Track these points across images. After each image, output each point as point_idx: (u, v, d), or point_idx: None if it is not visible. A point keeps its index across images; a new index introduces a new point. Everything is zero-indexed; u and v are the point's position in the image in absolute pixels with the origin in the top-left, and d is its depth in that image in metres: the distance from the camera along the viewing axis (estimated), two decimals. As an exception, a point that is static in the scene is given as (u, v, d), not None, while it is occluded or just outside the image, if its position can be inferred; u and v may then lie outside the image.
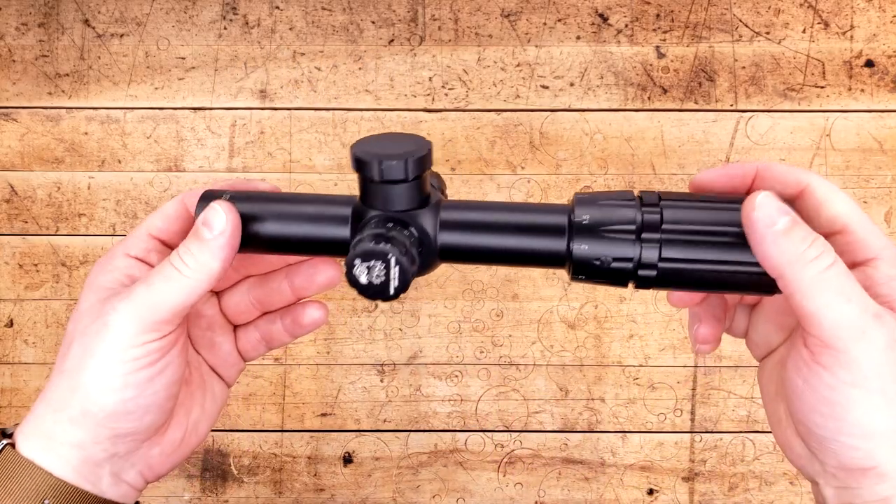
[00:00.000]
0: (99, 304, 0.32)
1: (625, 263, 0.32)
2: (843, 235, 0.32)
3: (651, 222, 0.32)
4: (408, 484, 0.60)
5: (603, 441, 0.60)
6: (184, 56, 0.60)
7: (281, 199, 0.35)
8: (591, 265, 0.33)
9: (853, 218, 0.32)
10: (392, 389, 0.60)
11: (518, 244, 0.34)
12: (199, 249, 0.32)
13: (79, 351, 0.32)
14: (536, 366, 0.60)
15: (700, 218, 0.32)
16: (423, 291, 0.60)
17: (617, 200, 0.33)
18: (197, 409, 0.36)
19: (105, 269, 0.34)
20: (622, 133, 0.60)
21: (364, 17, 0.60)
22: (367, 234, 0.32)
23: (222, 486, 0.60)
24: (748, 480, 0.60)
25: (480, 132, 0.59)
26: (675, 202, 0.32)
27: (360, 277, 0.31)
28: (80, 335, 0.32)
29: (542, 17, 0.60)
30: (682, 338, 0.60)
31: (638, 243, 0.32)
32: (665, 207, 0.32)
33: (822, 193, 0.32)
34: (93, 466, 0.32)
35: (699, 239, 0.32)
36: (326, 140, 0.60)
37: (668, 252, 0.32)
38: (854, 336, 0.28)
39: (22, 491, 0.31)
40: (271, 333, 0.38)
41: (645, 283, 0.33)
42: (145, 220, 0.35)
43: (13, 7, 0.60)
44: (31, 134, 0.60)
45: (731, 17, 0.60)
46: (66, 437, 0.32)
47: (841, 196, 0.32)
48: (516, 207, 0.35)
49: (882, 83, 0.60)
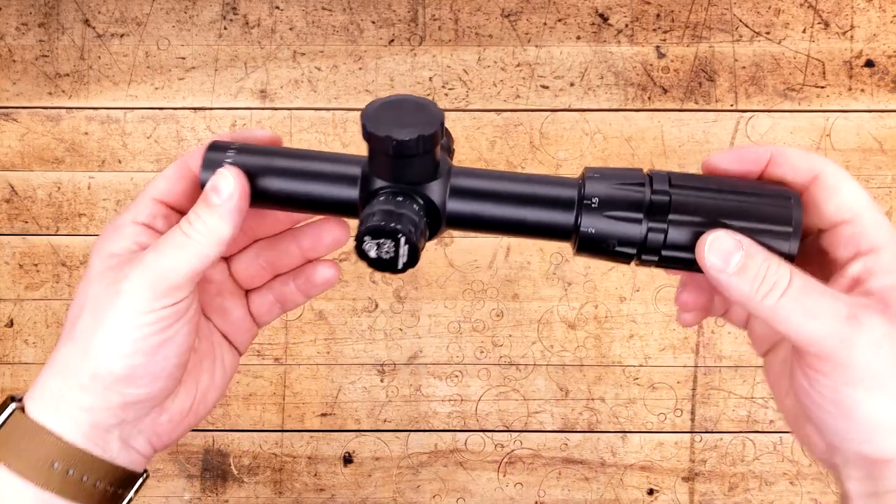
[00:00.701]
0: (109, 271, 0.33)
1: (629, 248, 0.33)
2: (849, 225, 0.32)
3: (659, 207, 0.32)
4: (408, 484, 0.60)
5: (603, 441, 0.60)
6: (184, 56, 0.60)
7: (288, 155, 0.35)
8: (596, 244, 0.33)
9: (860, 208, 0.32)
10: (392, 389, 0.60)
11: (526, 215, 0.34)
12: (209, 214, 0.32)
13: (90, 317, 0.32)
14: (536, 366, 0.60)
15: (708, 205, 0.32)
16: (423, 291, 0.60)
17: (627, 181, 0.33)
18: (206, 378, 0.36)
19: (112, 237, 0.34)
20: (622, 133, 0.60)
21: (364, 17, 0.60)
22: (377, 209, 0.32)
23: (222, 486, 0.60)
24: (748, 480, 0.60)
25: (480, 132, 0.59)
26: (685, 188, 0.32)
27: (369, 252, 0.31)
28: (92, 302, 0.32)
29: (542, 17, 0.60)
30: (681, 338, 0.60)
31: (644, 226, 0.32)
32: (674, 192, 0.32)
33: (833, 182, 0.32)
34: (102, 432, 0.32)
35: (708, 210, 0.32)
36: (326, 140, 0.60)
37: (673, 237, 0.32)
38: (834, 345, 0.29)
39: (32, 454, 0.32)
40: (285, 295, 0.38)
41: (647, 264, 0.33)
42: (148, 185, 0.35)
43: (13, 7, 0.60)
44: (32, 134, 0.60)
45: (732, 17, 0.60)
46: (76, 402, 0.32)
47: (851, 185, 0.32)
48: (526, 178, 0.35)
49: (882, 83, 0.60)
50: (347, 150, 0.60)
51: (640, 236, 0.32)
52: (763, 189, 0.33)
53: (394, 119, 0.32)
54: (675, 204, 0.32)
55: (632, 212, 0.32)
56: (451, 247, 0.60)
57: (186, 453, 0.60)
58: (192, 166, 0.35)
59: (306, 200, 0.34)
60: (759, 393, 0.60)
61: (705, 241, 0.30)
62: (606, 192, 0.33)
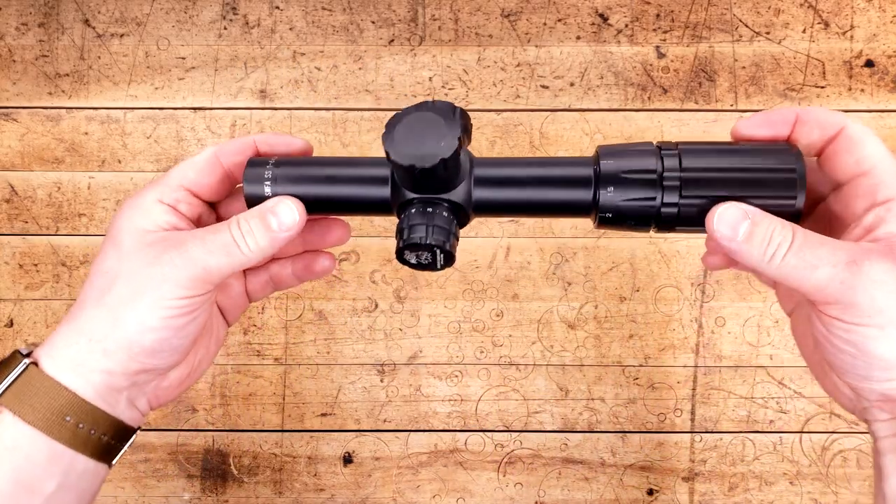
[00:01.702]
0: (149, 248, 0.35)
1: (645, 224, 0.35)
2: (867, 177, 0.33)
3: (671, 185, 0.34)
4: (408, 484, 0.60)
5: (603, 441, 0.60)
6: (184, 56, 0.60)
7: (320, 164, 0.38)
8: (614, 221, 0.36)
9: (879, 160, 0.33)
10: (392, 389, 0.60)
11: (548, 196, 0.36)
12: (263, 237, 0.35)
13: (126, 290, 0.35)
14: (536, 366, 0.60)
15: (717, 177, 0.34)
16: (423, 291, 0.60)
17: (638, 150, 0.35)
18: (203, 349, 0.39)
19: (140, 213, 0.36)
20: (622, 133, 0.60)
21: (364, 17, 0.60)
22: (410, 224, 0.35)
23: (222, 486, 0.60)
24: (748, 480, 0.60)
25: (480, 132, 0.59)
26: (694, 163, 0.34)
27: (409, 260, 0.35)
28: (129, 275, 0.35)
29: (542, 17, 0.60)
30: (682, 338, 0.60)
31: (658, 203, 0.34)
32: (685, 170, 0.34)
33: (856, 135, 0.34)
34: (114, 392, 0.35)
35: (717, 176, 0.34)
36: (326, 140, 0.60)
37: (686, 212, 0.34)
38: (837, 289, 0.31)
39: (46, 407, 0.34)
40: (280, 277, 0.41)
41: (667, 224, 0.35)
42: (177, 170, 0.37)
43: (13, 7, 0.60)
44: (31, 134, 0.60)
45: (731, 17, 0.60)
46: (97, 364, 0.34)
47: (872, 140, 0.34)
48: (544, 162, 0.37)
49: (882, 83, 0.60)
50: (347, 149, 0.60)
51: (655, 212, 0.35)
52: (767, 150, 0.34)
53: (415, 140, 0.34)
54: (685, 180, 0.34)
55: (646, 193, 0.34)
56: (451, 247, 0.60)
57: (186, 453, 0.60)
58: (222, 160, 0.38)
59: (341, 204, 0.38)
60: (759, 393, 0.60)
61: (714, 214, 0.33)
62: (620, 175, 0.35)
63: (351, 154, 0.60)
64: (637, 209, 0.35)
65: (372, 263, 0.60)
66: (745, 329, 0.60)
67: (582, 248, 0.60)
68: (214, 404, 0.60)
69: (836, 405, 0.59)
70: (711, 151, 0.35)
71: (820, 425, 0.59)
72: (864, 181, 0.34)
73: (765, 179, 0.34)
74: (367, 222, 0.60)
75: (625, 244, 0.59)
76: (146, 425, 0.60)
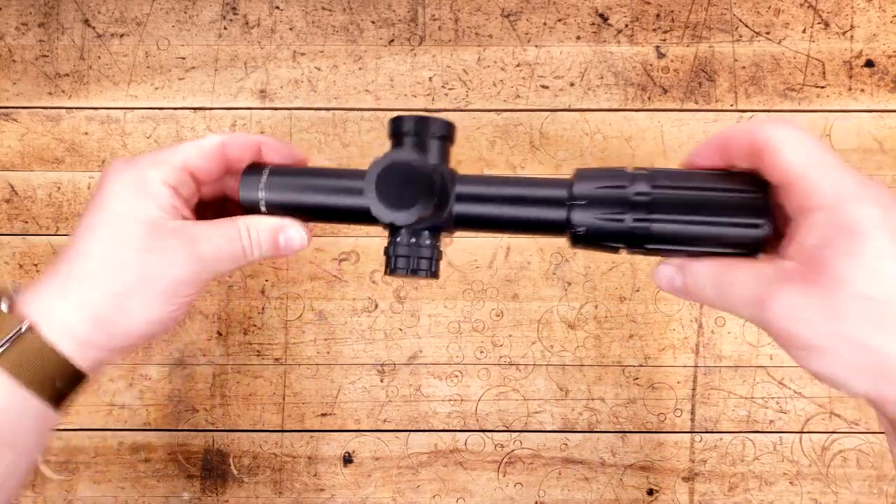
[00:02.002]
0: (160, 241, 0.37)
1: (616, 242, 0.37)
2: (791, 188, 0.33)
3: (641, 206, 0.36)
4: (408, 484, 0.60)
5: (603, 441, 0.60)
6: (184, 56, 0.60)
7: (312, 174, 0.41)
8: (587, 239, 0.38)
9: (803, 169, 0.33)
10: (392, 389, 0.60)
11: (525, 213, 0.39)
12: (268, 251, 0.39)
13: (135, 280, 0.36)
14: (536, 366, 0.60)
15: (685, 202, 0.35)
16: (423, 291, 0.60)
17: (612, 182, 0.37)
18: None
19: (147, 195, 0.37)
20: (622, 133, 0.60)
21: (364, 17, 0.60)
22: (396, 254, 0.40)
23: (222, 486, 0.60)
24: (748, 480, 0.60)
25: (480, 132, 0.59)
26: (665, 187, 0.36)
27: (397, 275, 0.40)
28: (140, 265, 0.36)
29: (542, 17, 0.60)
30: (682, 338, 0.60)
31: (629, 224, 0.36)
32: (655, 192, 0.36)
33: (771, 145, 0.34)
34: (94, 356, 0.37)
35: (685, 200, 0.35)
36: (326, 140, 0.60)
37: (655, 232, 0.36)
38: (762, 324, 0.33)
39: (41, 373, 0.36)
40: None
41: (637, 244, 0.37)
42: (180, 150, 0.38)
43: (13, 7, 0.60)
44: (31, 134, 0.60)
45: (731, 17, 0.60)
46: (88, 338, 0.36)
47: (789, 147, 0.33)
48: (522, 182, 0.39)
49: (882, 83, 0.60)
50: (347, 149, 0.60)
51: (626, 232, 0.36)
52: (735, 175, 0.36)
53: (396, 193, 0.38)
54: (655, 204, 0.35)
55: (617, 212, 0.36)
56: (451, 247, 0.60)
57: (186, 453, 0.60)
58: (228, 152, 0.39)
59: (329, 213, 0.41)
60: (758, 393, 0.60)
61: (655, 273, 0.37)
62: (593, 194, 0.37)
63: (350, 154, 0.60)
64: (608, 229, 0.36)
65: (372, 263, 0.60)
66: (745, 329, 0.60)
67: (582, 248, 0.60)
68: (214, 404, 0.60)
69: (836, 405, 0.59)
70: (681, 176, 0.36)
71: (820, 425, 0.59)
72: (789, 192, 0.33)
73: (731, 204, 0.35)
74: (367, 222, 0.60)
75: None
76: (146, 426, 0.60)
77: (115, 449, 0.60)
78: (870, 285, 0.31)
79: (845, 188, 0.32)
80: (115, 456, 0.60)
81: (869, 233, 0.31)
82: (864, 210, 0.31)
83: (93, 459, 0.60)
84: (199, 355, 0.60)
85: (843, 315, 0.31)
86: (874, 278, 0.31)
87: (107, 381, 0.60)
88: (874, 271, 0.31)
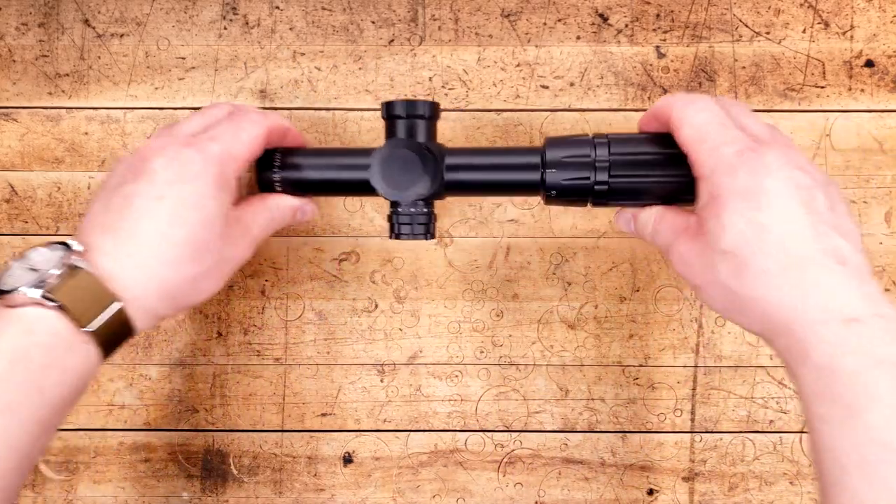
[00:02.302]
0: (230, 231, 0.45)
1: (583, 197, 0.46)
2: (691, 156, 0.42)
3: (602, 153, 0.45)
4: (408, 484, 0.60)
5: (603, 441, 0.60)
6: (184, 56, 0.60)
7: (317, 154, 0.50)
8: (558, 198, 0.46)
9: (690, 145, 0.42)
10: (392, 389, 0.60)
11: (506, 177, 0.47)
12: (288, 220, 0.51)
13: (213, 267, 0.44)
14: (536, 366, 0.60)
15: (636, 161, 0.45)
16: (422, 291, 0.60)
17: (578, 146, 0.45)
18: None
19: (226, 188, 0.44)
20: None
21: (364, 17, 0.60)
22: (400, 221, 0.48)
23: (222, 486, 0.60)
24: (748, 480, 0.60)
25: (480, 132, 0.59)
26: (619, 137, 0.46)
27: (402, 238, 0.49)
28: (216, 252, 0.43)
29: (542, 17, 0.60)
30: (682, 338, 0.60)
31: (592, 182, 0.45)
32: (612, 142, 0.45)
33: (676, 121, 0.43)
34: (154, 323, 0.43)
35: (637, 160, 0.45)
36: (326, 140, 0.60)
37: (614, 187, 0.45)
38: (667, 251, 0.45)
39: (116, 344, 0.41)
40: None
41: (601, 199, 0.46)
42: (245, 145, 0.45)
43: (13, 7, 0.60)
44: (31, 134, 0.60)
45: (731, 17, 0.60)
46: (163, 312, 0.43)
47: (685, 125, 0.42)
48: (501, 151, 0.48)
49: (882, 83, 0.60)
50: (347, 150, 0.60)
51: (590, 188, 0.45)
52: (670, 143, 0.44)
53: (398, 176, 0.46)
54: (613, 163, 0.45)
55: (583, 174, 0.45)
56: (451, 247, 0.60)
57: (186, 453, 0.60)
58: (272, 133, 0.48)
59: (334, 187, 0.49)
60: (759, 393, 0.60)
61: (615, 218, 0.50)
62: (563, 160, 0.45)
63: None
64: (576, 187, 0.45)
65: (372, 263, 0.60)
66: (745, 329, 0.60)
67: (582, 248, 0.60)
68: (214, 404, 0.60)
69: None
70: (633, 140, 0.45)
71: (820, 425, 0.59)
72: (689, 160, 0.42)
73: (672, 162, 0.44)
74: (368, 222, 0.60)
75: (625, 244, 0.59)
76: (146, 426, 0.60)
77: (115, 449, 0.60)
78: (730, 241, 0.38)
79: (721, 161, 0.39)
80: (115, 456, 0.60)
81: (728, 198, 0.38)
82: (729, 179, 0.38)
83: (93, 459, 0.60)
84: (199, 355, 0.60)
85: (712, 265, 0.39)
86: (733, 235, 0.38)
87: (107, 381, 0.60)
88: (733, 230, 0.38)
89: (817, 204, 0.38)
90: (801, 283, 0.36)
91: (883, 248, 0.59)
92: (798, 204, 0.37)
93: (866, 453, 0.31)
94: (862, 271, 0.37)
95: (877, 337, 0.34)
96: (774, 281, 0.36)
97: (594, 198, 0.45)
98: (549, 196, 0.46)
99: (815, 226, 0.37)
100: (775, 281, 0.36)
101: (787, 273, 0.36)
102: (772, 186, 0.38)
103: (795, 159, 0.39)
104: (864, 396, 0.32)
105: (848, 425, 0.32)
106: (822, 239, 0.37)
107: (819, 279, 0.36)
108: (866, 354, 0.33)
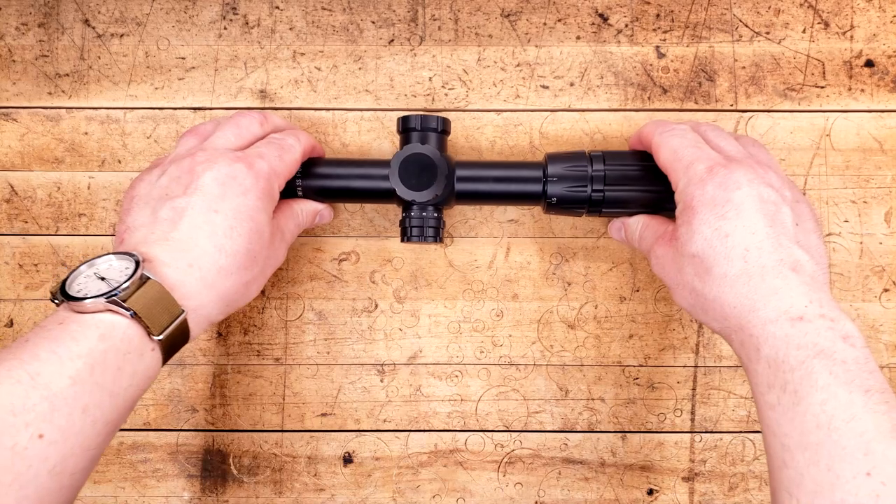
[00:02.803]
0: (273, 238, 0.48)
1: (580, 207, 0.52)
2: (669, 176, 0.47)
3: (598, 167, 0.51)
4: (408, 484, 0.60)
5: (603, 441, 0.60)
6: (184, 56, 0.60)
7: (335, 164, 0.54)
8: (558, 206, 0.52)
9: (667, 167, 0.47)
10: (392, 389, 0.60)
11: (511, 188, 0.52)
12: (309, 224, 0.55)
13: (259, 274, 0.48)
14: (536, 366, 0.60)
15: (628, 164, 0.51)
16: (422, 291, 0.60)
17: (576, 160, 0.51)
18: None
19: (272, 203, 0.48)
20: (622, 133, 0.60)
21: (364, 17, 0.60)
22: (412, 225, 0.52)
23: (222, 486, 0.60)
24: (748, 480, 0.60)
25: (480, 132, 0.59)
26: (613, 153, 0.52)
27: (413, 241, 0.53)
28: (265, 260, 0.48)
29: (542, 17, 0.60)
30: (682, 338, 0.60)
31: (589, 193, 0.51)
32: (606, 157, 0.51)
33: (654, 150, 0.48)
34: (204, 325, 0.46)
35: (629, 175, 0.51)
36: (326, 140, 0.60)
37: (609, 199, 0.51)
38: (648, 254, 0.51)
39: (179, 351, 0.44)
40: None
41: (596, 208, 0.51)
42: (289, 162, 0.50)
43: (13, 7, 0.60)
44: (31, 134, 0.60)
45: (731, 17, 0.60)
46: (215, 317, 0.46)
47: (662, 150, 0.47)
48: (507, 165, 0.53)
49: (882, 83, 0.60)
50: (347, 149, 0.60)
51: (586, 198, 0.51)
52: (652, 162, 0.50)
53: (415, 178, 0.50)
54: (607, 176, 0.50)
55: (581, 185, 0.51)
56: (451, 247, 0.60)
57: (186, 453, 0.60)
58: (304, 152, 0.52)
59: (350, 194, 0.53)
60: (759, 393, 0.59)
61: (609, 229, 0.56)
62: (563, 173, 0.51)
63: (351, 154, 0.60)
64: (574, 197, 0.51)
65: (372, 263, 0.60)
66: (745, 329, 0.59)
67: (582, 248, 0.60)
68: (214, 404, 0.60)
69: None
70: (624, 156, 0.51)
71: (820, 425, 0.59)
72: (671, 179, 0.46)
73: (658, 176, 0.49)
74: (368, 223, 0.60)
75: (624, 244, 0.59)
76: (146, 426, 0.60)
77: (114, 449, 0.60)
78: (697, 247, 0.42)
79: (694, 175, 0.43)
80: (115, 456, 0.60)
81: (698, 208, 0.42)
82: (700, 192, 0.43)
83: (93, 459, 0.60)
84: (199, 355, 0.60)
85: (681, 268, 0.44)
86: (700, 242, 0.42)
87: (107, 381, 0.60)
88: (700, 237, 0.42)
89: (782, 217, 0.42)
90: (758, 288, 0.40)
91: (883, 248, 0.59)
92: (762, 216, 0.41)
93: (806, 432, 0.35)
94: (816, 280, 0.40)
95: (820, 333, 0.37)
96: (733, 284, 0.40)
97: (590, 206, 0.51)
98: (550, 204, 0.51)
99: (776, 237, 0.41)
100: (734, 284, 0.40)
101: (745, 278, 0.40)
102: (738, 199, 0.42)
103: (764, 176, 0.43)
104: (807, 383, 0.36)
105: (792, 410, 0.36)
106: (781, 250, 0.40)
107: (774, 284, 0.39)
108: (809, 347, 0.37)
